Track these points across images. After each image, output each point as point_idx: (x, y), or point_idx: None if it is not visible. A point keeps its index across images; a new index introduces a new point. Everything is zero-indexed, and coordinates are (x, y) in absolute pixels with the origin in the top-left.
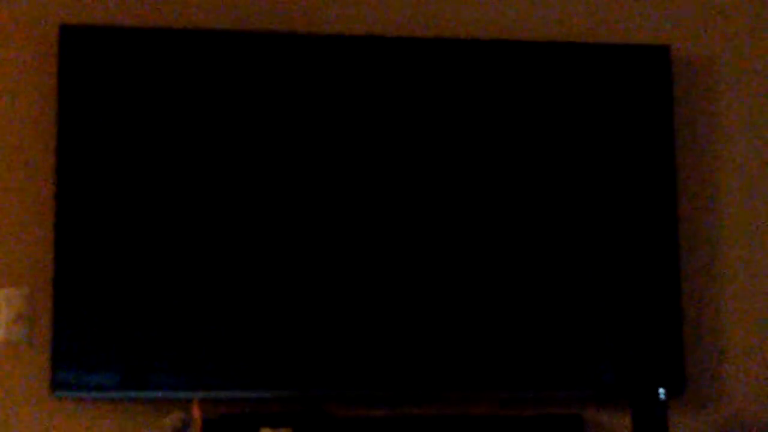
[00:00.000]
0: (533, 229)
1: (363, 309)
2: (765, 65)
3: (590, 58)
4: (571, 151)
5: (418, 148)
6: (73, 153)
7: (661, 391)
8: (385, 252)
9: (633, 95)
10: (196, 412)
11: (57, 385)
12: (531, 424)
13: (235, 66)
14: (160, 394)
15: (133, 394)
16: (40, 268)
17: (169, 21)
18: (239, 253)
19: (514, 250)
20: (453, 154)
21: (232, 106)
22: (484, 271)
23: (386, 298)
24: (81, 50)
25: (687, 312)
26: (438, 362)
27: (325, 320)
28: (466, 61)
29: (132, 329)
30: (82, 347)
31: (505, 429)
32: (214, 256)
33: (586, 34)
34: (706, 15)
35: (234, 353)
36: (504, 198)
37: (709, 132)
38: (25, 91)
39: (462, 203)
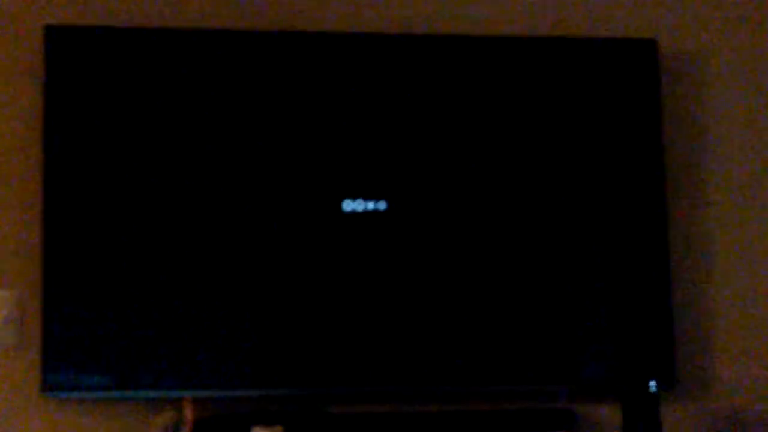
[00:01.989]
0: (523, 225)
1: (354, 306)
2: (753, 59)
3: (577, 53)
4: (559, 146)
5: (411, 144)
6: (61, 155)
7: (652, 384)
8: (379, 249)
9: (620, 89)
10: (187, 412)
11: (48, 386)
12: (523, 419)
13: (223, 65)
14: (151, 393)
15: (124, 393)
16: (29, 269)
17: (157, 20)
18: (230, 251)
19: (505, 247)
20: (439, 150)
21: (221, 105)
22: (475, 268)
23: (378, 294)
24: (67, 51)
25: (677, 305)
26: (430, 358)
27: (317, 318)
28: (454, 57)
29: (122, 329)
30: (73, 348)
31: (497, 424)
32: (204, 255)
33: (573, 28)
34: (693, 8)
35: (225, 352)
36: (493, 194)
37: (698, 126)
38: (10, 92)
39: (450, 200)
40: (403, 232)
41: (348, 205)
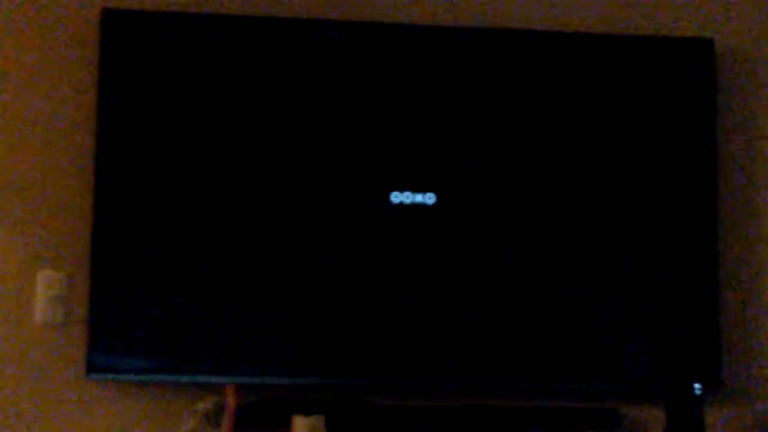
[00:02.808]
0: (574, 222)
1: (400, 298)
2: None
3: (634, 51)
4: (614, 144)
5: (462, 138)
6: (113, 137)
7: (697, 385)
8: (426, 242)
9: (676, 88)
10: (230, 398)
11: (92, 367)
12: (567, 417)
13: (277, 54)
14: (194, 378)
15: (167, 378)
16: (77, 251)
17: (210, 6)
18: (279, 241)
19: (554, 244)
20: (490, 145)
21: (278, 94)
22: (523, 264)
23: (424, 287)
24: (122, 34)
25: (723, 307)
26: (474, 353)
27: (360, 309)
28: (510, 52)
29: (167, 314)
30: (118, 330)
31: (541, 421)
32: (254, 243)
33: (631, 26)
34: (750, 8)
35: (269, 340)
36: (544, 191)
37: (753, 126)
38: (66, 75)
39: (499, 195)
40: (451, 225)
41: (396, 198)
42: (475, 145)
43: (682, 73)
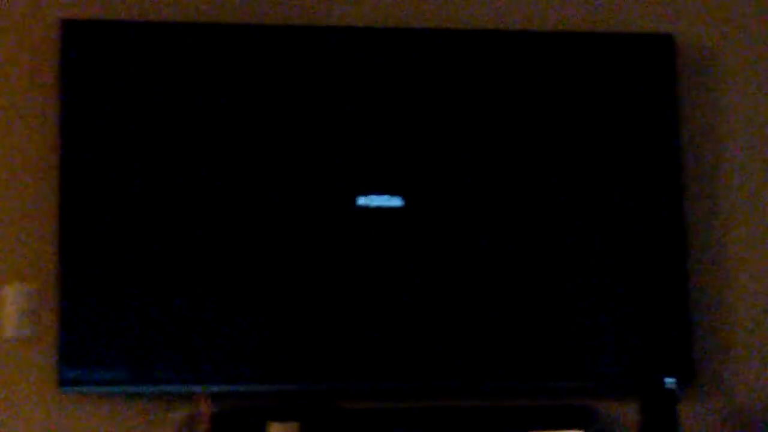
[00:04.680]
0: (539, 222)
1: (370, 302)
2: None
3: (593, 47)
4: (576, 142)
5: (426, 140)
6: (77, 149)
7: (671, 380)
8: (393, 245)
9: (637, 85)
10: (203, 406)
11: (64, 380)
12: (541, 415)
13: (239, 60)
14: (167, 388)
15: (140, 388)
16: (45, 264)
17: (171, 15)
18: (245, 247)
19: (521, 244)
20: (454, 146)
21: (236, 100)
22: (491, 265)
23: (393, 289)
24: (83, 44)
25: (695, 302)
26: (446, 354)
27: (331, 313)
28: (469, 52)
29: (138, 324)
30: (88, 342)
31: (515, 420)
32: (220, 250)
33: (590, 22)
34: (710, 3)
35: (241, 347)
36: (508, 191)
37: (714, 122)
38: (27, 86)
39: (465, 196)
40: (418, 228)
41: (362, 201)
42: (440, 146)
43: (643, 69)
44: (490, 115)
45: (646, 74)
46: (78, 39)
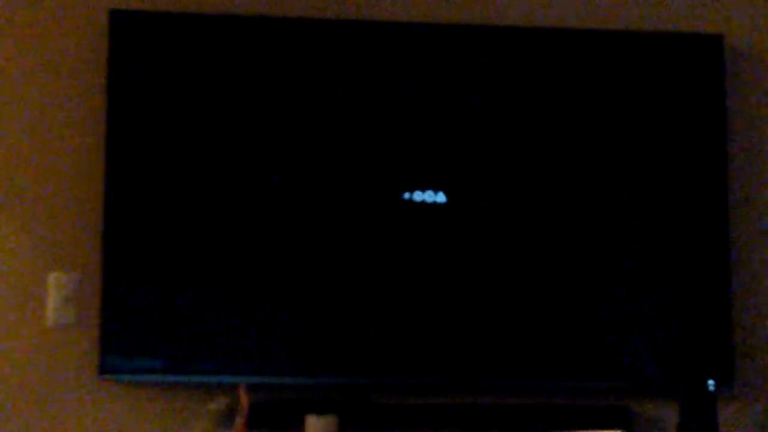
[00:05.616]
0: (585, 220)
1: (408, 298)
2: None
3: (643, 47)
4: (623, 142)
5: (472, 137)
6: (122, 139)
7: (710, 382)
8: (434, 240)
9: (685, 85)
10: (242, 397)
11: (104, 368)
12: (577, 415)
13: (288, 53)
14: (206, 378)
15: (179, 378)
16: (89, 252)
17: (218, 7)
18: (290, 239)
19: (566, 242)
20: (502, 144)
21: (285, 93)
22: (534, 262)
23: (432, 285)
24: (131, 35)
25: (736, 303)
26: (484, 352)
27: (369, 308)
28: (517, 49)
29: (179, 314)
30: (130, 331)
31: (551, 419)
32: (264, 242)
33: (639, 22)
34: (760, 4)
35: (280, 340)
36: (551, 188)
37: (763, 123)
38: (75, 76)
39: (509, 194)
40: (461, 224)
41: (407, 196)
42: (484, 144)
43: (692, 69)
44: (537, 113)
45: (695, 75)
46: (126, 29)
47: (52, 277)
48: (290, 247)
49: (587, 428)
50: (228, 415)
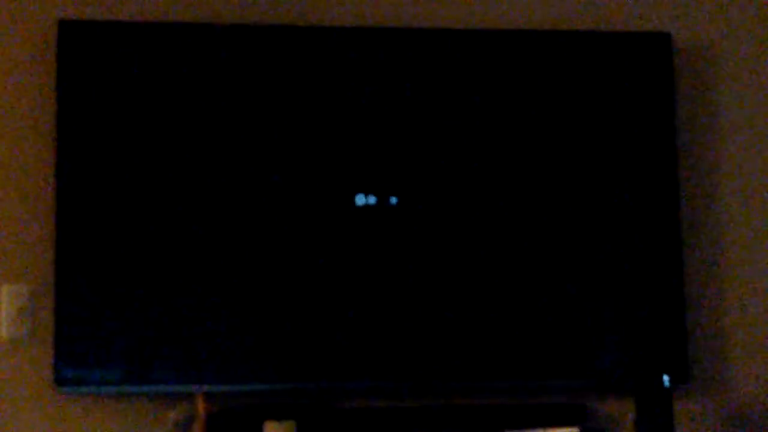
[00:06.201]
0: (535, 220)
1: (364, 301)
2: (767, 52)
3: (590, 46)
4: (571, 141)
5: (423, 140)
6: (73, 149)
7: (666, 378)
8: (390, 244)
9: (634, 84)
10: (200, 406)
11: (60, 380)
12: (534, 414)
13: (236, 60)
14: (163, 388)
15: (136, 388)
16: (41, 264)
17: (168, 15)
18: (242, 246)
19: (517, 242)
20: (450, 145)
21: (234, 100)
22: (487, 263)
23: (388, 289)
24: (80, 45)
25: (690, 299)
26: (441, 353)
27: (326, 313)
28: (464, 51)
29: (134, 323)
30: (85, 342)
31: (508, 418)
32: (216, 249)
33: (586, 21)
34: (707, 1)
35: (237, 346)
36: (503, 189)
37: (711, 120)
38: (23, 87)
39: (462, 195)
40: (414, 227)
41: (360, 200)
42: (434, 145)
43: (640, 67)
44: (486, 115)
45: (643, 73)
46: (75, 39)
47: (5, 290)
48: (247, 253)
49: (545, 426)
50: (187, 424)
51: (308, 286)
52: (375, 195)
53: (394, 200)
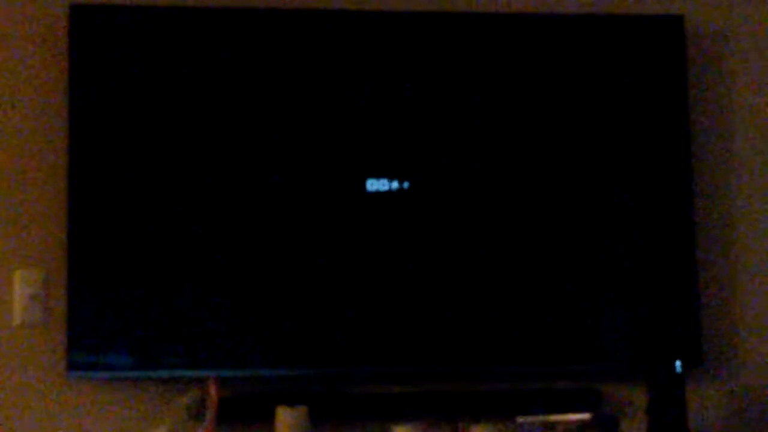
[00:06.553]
0: (550, 205)
1: (376, 286)
2: None
3: (603, 30)
4: (584, 126)
5: (437, 125)
6: (86, 134)
7: (678, 363)
8: (398, 229)
9: (646, 68)
10: (212, 391)
11: (72, 365)
12: (549, 398)
13: (251, 45)
14: (176, 373)
15: (148, 373)
16: (54, 249)
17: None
18: (255, 231)
19: (531, 227)
20: (464, 130)
21: (246, 85)
22: (499, 247)
23: (400, 274)
24: (92, 29)
25: (703, 284)
26: (453, 338)
27: (338, 298)
28: (479, 36)
29: (146, 309)
30: (97, 328)
31: (522, 403)
32: (230, 234)
33: (598, 4)
34: None
35: (250, 332)
36: (516, 175)
37: (723, 105)
38: (36, 71)
39: (475, 180)
40: (426, 211)
41: (372, 185)
42: (445, 130)
43: (652, 51)
44: (498, 99)
45: (655, 57)
46: (87, 23)
47: (18, 275)
48: (258, 239)
49: (559, 412)
50: (199, 409)
51: (320, 271)
52: (386, 180)
53: (405, 185)
